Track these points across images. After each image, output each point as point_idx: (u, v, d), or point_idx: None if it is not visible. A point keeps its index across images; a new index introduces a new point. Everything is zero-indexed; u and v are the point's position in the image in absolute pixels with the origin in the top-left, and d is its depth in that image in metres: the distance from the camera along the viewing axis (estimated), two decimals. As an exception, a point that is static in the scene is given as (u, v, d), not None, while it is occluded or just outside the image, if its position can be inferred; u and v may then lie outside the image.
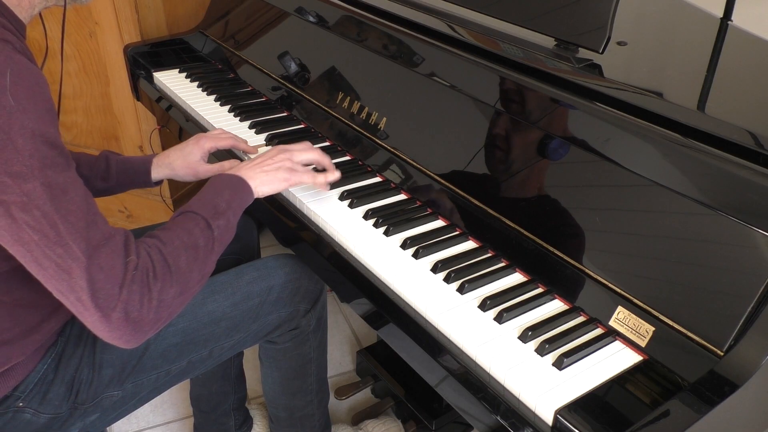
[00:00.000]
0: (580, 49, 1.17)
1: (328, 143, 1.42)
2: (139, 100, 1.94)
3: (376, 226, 1.14)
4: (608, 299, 0.92)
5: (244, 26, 1.82)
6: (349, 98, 1.41)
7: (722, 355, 0.80)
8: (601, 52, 1.11)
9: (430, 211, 1.19)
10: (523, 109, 1.12)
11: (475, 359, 0.88)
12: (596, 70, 1.14)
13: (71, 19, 1.98)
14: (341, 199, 1.21)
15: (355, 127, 1.37)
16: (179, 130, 1.59)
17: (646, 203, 0.93)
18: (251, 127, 1.47)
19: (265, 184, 1.11)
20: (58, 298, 0.84)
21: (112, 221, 1.54)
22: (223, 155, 1.36)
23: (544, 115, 1.09)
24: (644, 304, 0.89)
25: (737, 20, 1.32)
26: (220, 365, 1.41)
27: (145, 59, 1.85)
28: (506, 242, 1.06)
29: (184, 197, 2.28)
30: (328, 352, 1.45)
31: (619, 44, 1.22)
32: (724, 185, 0.87)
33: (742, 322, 0.80)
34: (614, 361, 0.87)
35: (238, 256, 1.41)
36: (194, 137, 1.33)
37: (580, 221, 0.99)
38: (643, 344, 0.87)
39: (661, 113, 0.97)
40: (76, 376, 1.05)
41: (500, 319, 0.93)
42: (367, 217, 1.16)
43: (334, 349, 1.99)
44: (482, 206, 1.11)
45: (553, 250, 1.00)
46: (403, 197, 1.23)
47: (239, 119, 1.51)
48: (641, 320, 0.88)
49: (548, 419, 0.79)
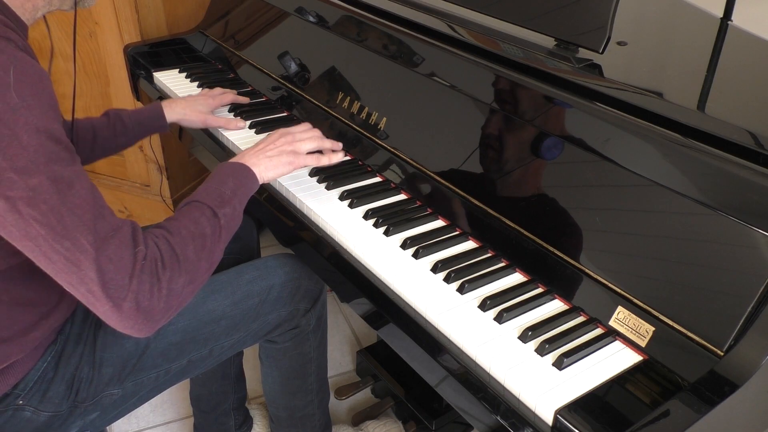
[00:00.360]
0: (580, 49, 1.17)
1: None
2: (139, 100, 1.94)
3: (376, 226, 1.14)
4: (608, 299, 0.92)
5: (244, 26, 1.82)
6: (349, 98, 1.41)
7: (722, 355, 0.80)
8: (601, 52, 1.11)
9: (430, 211, 1.19)
10: (523, 109, 1.12)
11: (475, 359, 0.88)
12: (596, 70, 1.14)
13: (71, 19, 1.97)
14: (341, 199, 1.21)
15: (355, 127, 1.37)
16: (179, 129, 1.59)
17: (646, 203, 0.93)
18: (251, 127, 1.47)
19: (269, 169, 1.12)
20: (68, 290, 0.84)
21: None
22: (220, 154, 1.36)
23: (544, 115, 1.09)
24: (644, 304, 0.89)
25: (737, 20, 1.33)
26: (220, 365, 1.41)
27: (145, 59, 1.85)
28: (506, 242, 1.06)
29: (184, 197, 2.28)
30: (328, 352, 1.45)
31: (619, 44, 1.23)
32: (724, 185, 0.87)
33: (742, 322, 0.80)
34: (614, 361, 0.87)
35: (238, 255, 1.41)
36: (201, 95, 1.53)
37: (580, 221, 0.99)
38: (643, 344, 0.87)
39: (661, 113, 0.97)
40: (76, 374, 1.05)
41: (500, 319, 0.93)
42: (367, 217, 1.16)
43: (334, 349, 1.99)
44: (482, 206, 1.11)
45: (553, 250, 1.00)
46: (403, 197, 1.23)
47: (240, 119, 1.51)
48: (641, 320, 0.88)
49: (548, 419, 0.79)
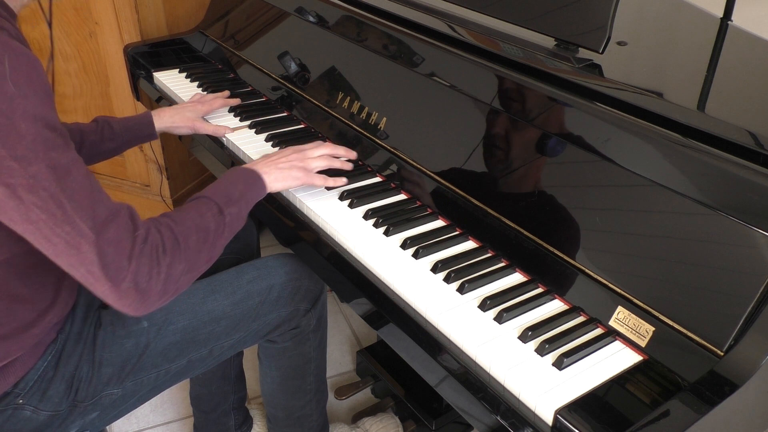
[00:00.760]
0: (580, 49, 1.17)
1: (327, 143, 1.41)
2: (139, 100, 1.94)
3: (376, 226, 1.14)
4: (608, 299, 0.92)
5: (244, 26, 1.82)
6: (349, 98, 1.41)
7: (722, 355, 0.80)
8: (601, 52, 1.11)
9: (430, 211, 1.19)
10: (522, 109, 1.12)
11: (475, 359, 0.88)
12: (596, 70, 1.14)
13: (71, 19, 1.98)
14: (341, 199, 1.21)
15: (355, 127, 1.37)
16: (178, 130, 1.59)
17: (646, 203, 0.93)
18: (251, 127, 1.47)
19: (278, 180, 1.15)
20: (67, 270, 0.86)
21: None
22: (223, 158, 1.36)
23: (544, 115, 1.09)
24: (644, 304, 0.89)
25: (737, 20, 1.33)
26: (219, 365, 1.41)
27: (145, 59, 1.85)
28: (506, 242, 1.06)
29: (184, 197, 2.28)
30: (328, 352, 1.45)
31: (619, 44, 1.23)
32: (724, 185, 0.87)
33: (742, 322, 0.80)
34: (614, 361, 0.87)
35: (238, 255, 1.41)
36: (190, 103, 1.51)
37: (580, 221, 0.99)
38: (643, 344, 0.87)
39: (661, 113, 0.97)
40: (75, 373, 1.05)
41: (500, 319, 0.93)
42: (367, 217, 1.16)
43: (334, 349, 1.99)
44: (482, 206, 1.11)
45: (553, 250, 1.00)
46: (403, 197, 1.23)
47: (239, 119, 1.51)
48: (641, 320, 0.88)
49: (548, 419, 0.79)
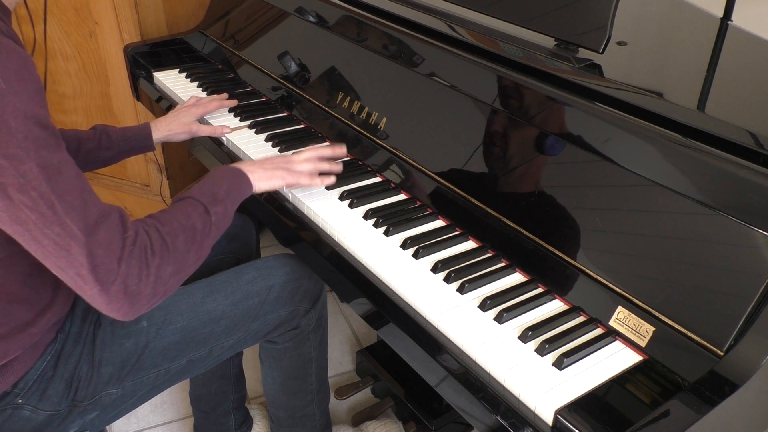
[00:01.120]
0: (580, 49, 1.17)
1: (327, 144, 1.41)
2: (139, 100, 1.94)
3: (376, 226, 1.14)
4: (608, 299, 0.92)
5: (244, 26, 1.82)
6: (349, 98, 1.41)
7: (722, 355, 0.80)
8: (601, 52, 1.11)
9: (430, 211, 1.19)
10: (523, 109, 1.12)
11: (475, 359, 0.88)
12: (596, 70, 1.14)
13: (71, 19, 1.98)
14: (341, 199, 1.21)
15: (355, 127, 1.37)
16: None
17: (646, 203, 0.93)
18: (251, 127, 1.47)
19: (263, 179, 1.15)
20: (56, 273, 0.85)
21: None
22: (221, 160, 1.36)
23: (544, 115, 1.09)
24: (644, 304, 0.89)
25: (737, 20, 1.33)
26: (219, 365, 1.41)
27: (145, 59, 1.85)
28: (506, 242, 1.06)
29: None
30: (328, 352, 1.45)
31: (619, 44, 1.23)
32: (724, 185, 0.87)
33: (742, 322, 0.80)
34: (614, 361, 0.87)
35: (237, 255, 1.41)
36: (185, 106, 1.50)
37: (580, 221, 0.99)
38: (643, 344, 0.87)
39: (661, 113, 0.97)
40: (75, 373, 1.05)
41: (500, 319, 0.93)
42: (367, 217, 1.16)
43: (334, 349, 1.99)
44: (482, 206, 1.11)
45: (553, 250, 1.00)
46: (403, 197, 1.23)
47: (239, 119, 1.51)
48: (641, 320, 0.88)
49: (548, 419, 0.79)
